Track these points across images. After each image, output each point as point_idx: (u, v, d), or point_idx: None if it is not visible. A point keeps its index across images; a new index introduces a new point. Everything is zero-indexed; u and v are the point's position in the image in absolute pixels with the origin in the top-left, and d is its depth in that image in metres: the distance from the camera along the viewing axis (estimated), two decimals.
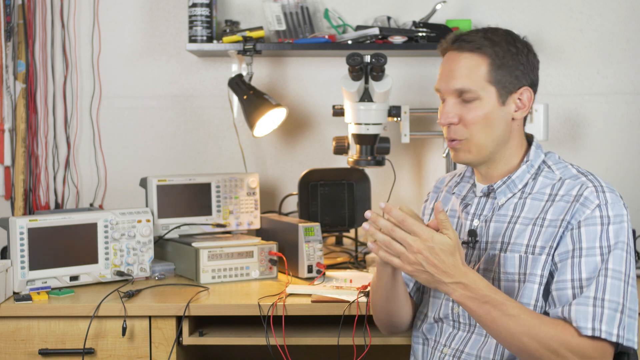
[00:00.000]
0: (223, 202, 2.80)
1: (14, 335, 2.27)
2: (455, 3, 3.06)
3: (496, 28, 1.86)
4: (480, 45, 1.79)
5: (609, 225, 1.72)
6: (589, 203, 1.74)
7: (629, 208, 3.05)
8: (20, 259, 2.37)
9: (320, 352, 2.78)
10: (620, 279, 1.68)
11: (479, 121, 1.80)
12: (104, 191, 3.12)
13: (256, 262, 2.58)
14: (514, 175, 1.84)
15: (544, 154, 1.88)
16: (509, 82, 1.80)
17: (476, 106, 1.80)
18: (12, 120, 3.03)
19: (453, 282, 1.66)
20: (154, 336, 2.28)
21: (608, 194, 1.75)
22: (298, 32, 2.97)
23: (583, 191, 1.76)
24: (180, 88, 3.11)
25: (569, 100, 3.09)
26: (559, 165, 1.86)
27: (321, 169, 2.91)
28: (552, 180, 1.82)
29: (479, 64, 1.79)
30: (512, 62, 1.80)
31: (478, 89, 1.79)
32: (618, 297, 1.67)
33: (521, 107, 1.83)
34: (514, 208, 1.83)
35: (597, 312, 1.65)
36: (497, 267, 1.80)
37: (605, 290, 1.67)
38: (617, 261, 1.69)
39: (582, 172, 1.82)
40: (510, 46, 1.80)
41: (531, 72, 1.84)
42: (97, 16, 3.07)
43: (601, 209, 1.73)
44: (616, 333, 1.65)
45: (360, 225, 2.94)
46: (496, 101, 1.80)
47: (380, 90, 2.56)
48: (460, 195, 1.96)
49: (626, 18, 3.07)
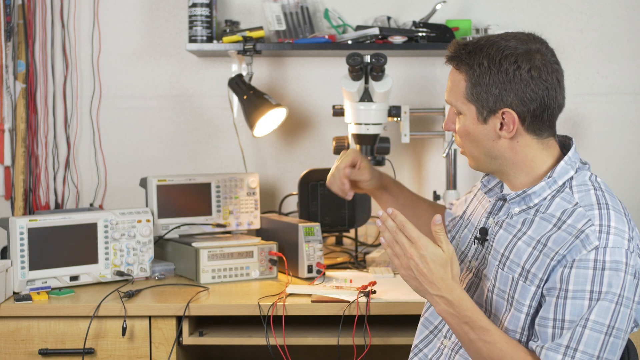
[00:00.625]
0: (223, 202, 2.80)
1: (14, 335, 2.27)
2: (455, 3, 3.06)
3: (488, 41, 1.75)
4: (458, 61, 1.75)
5: (604, 271, 1.62)
6: (587, 243, 1.64)
7: (630, 209, 3.07)
8: (20, 259, 2.37)
9: (320, 352, 2.78)
10: (600, 332, 1.62)
11: (463, 134, 1.78)
12: (104, 191, 3.12)
13: (256, 262, 2.58)
14: (530, 190, 1.75)
15: (574, 171, 1.76)
16: (487, 100, 1.72)
17: (462, 120, 1.78)
18: (12, 120, 3.03)
19: (437, 294, 1.68)
20: (154, 336, 2.28)
21: (612, 236, 1.64)
22: (298, 32, 2.97)
23: (586, 228, 1.65)
24: (180, 88, 3.11)
25: (569, 100, 3.04)
26: (581, 187, 1.74)
27: (321, 169, 2.91)
28: (568, 204, 1.71)
29: (460, 80, 1.76)
30: (489, 82, 1.71)
31: (459, 105, 1.77)
32: (594, 349, 1.62)
33: (506, 128, 1.73)
34: (523, 222, 1.76)
35: None
36: (494, 280, 1.78)
37: (581, 341, 1.62)
38: (602, 313, 1.62)
39: (600, 203, 1.70)
40: (491, 65, 1.71)
41: (521, 90, 1.71)
42: (97, 16, 3.07)
43: (598, 252, 1.63)
44: None
45: (360, 225, 2.94)
46: (475, 119, 1.75)
47: (380, 90, 2.56)
48: (486, 188, 1.91)
49: (626, 18, 3.07)
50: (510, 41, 1.72)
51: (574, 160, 1.77)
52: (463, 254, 1.91)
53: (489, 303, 1.78)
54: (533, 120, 1.73)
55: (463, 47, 1.75)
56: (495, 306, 1.76)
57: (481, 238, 1.85)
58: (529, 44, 1.72)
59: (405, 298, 2.26)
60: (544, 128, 1.75)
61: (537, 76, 1.71)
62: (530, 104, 1.71)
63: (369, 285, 2.30)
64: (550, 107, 1.74)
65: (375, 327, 2.23)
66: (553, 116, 1.76)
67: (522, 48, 1.71)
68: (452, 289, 1.68)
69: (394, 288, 2.39)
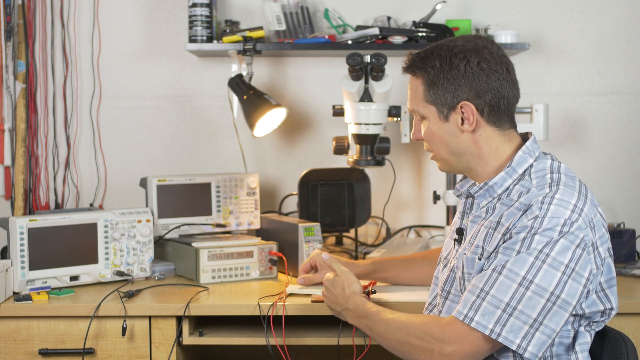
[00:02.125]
0: (223, 202, 2.80)
1: (14, 335, 2.27)
2: (455, 3, 3.06)
3: (437, 45, 1.86)
4: (413, 67, 1.87)
5: (535, 235, 1.69)
6: (530, 214, 1.72)
7: (630, 209, 3.07)
8: (20, 259, 2.37)
9: (320, 352, 2.78)
10: (513, 280, 1.68)
11: (430, 138, 1.89)
12: (104, 191, 3.12)
13: (256, 262, 2.58)
14: (491, 181, 1.84)
15: (532, 159, 1.83)
16: (445, 98, 1.83)
17: (426, 125, 1.88)
18: (12, 120, 3.03)
19: (342, 309, 2.02)
20: (154, 336, 2.28)
21: (554, 206, 1.71)
22: (298, 32, 2.97)
23: (533, 203, 1.73)
24: (180, 88, 3.11)
25: (569, 100, 3.09)
26: (539, 173, 1.81)
27: (321, 169, 2.91)
28: (524, 189, 1.79)
29: (417, 84, 1.87)
30: (443, 80, 1.82)
31: (421, 108, 1.87)
32: (504, 296, 1.68)
33: (467, 120, 1.82)
34: (487, 210, 1.85)
35: (477, 303, 1.70)
36: (462, 267, 1.84)
37: (493, 286, 1.69)
38: (519, 264, 1.68)
39: (552, 182, 1.77)
40: (443, 64, 1.81)
41: (475, 83, 1.80)
42: (97, 16, 3.07)
43: (535, 220, 1.70)
44: (491, 327, 1.68)
45: (360, 225, 2.94)
46: (437, 119, 1.85)
47: (380, 90, 2.56)
48: (459, 192, 1.99)
49: (626, 18, 3.07)
50: (457, 41, 1.84)
51: (532, 150, 1.85)
52: (446, 259, 1.98)
53: (462, 291, 1.85)
54: (491, 111, 1.82)
55: (416, 55, 1.88)
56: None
57: (458, 238, 1.93)
58: (476, 41, 1.83)
59: (405, 298, 2.27)
60: (503, 119, 1.84)
61: (487, 68, 1.81)
62: (485, 95, 1.80)
63: (369, 285, 2.30)
64: (506, 97, 1.82)
65: None
66: (510, 106, 1.84)
67: (470, 45, 1.82)
68: (348, 299, 2.00)
69: (394, 288, 2.39)
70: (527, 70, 3.08)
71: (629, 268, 2.64)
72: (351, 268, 2.37)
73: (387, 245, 2.96)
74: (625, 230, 2.85)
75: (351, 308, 1.98)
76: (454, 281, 1.88)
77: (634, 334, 2.24)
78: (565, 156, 3.06)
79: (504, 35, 2.90)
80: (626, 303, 2.23)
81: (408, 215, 3.13)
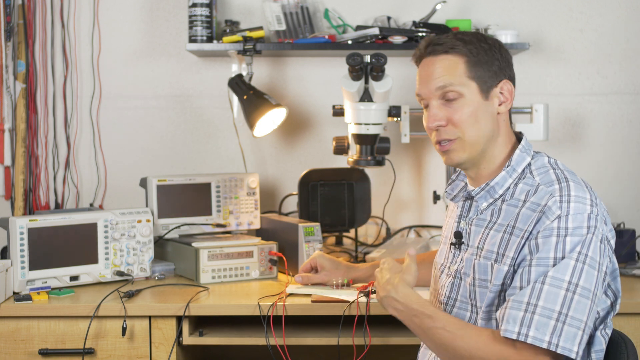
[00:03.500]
0: (223, 202, 2.80)
1: (14, 335, 2.27)
2: (455, 3, 3.06)
3: (463, 31, 1.89)
4: (452, 45, 1.82)
5: (566, 237, 1.67)
6: (550, 214, 1.70)
7: (630, 209, 3.08)
8: (20, 259, 2.37)
9: (320, 352, 2.78)
10: (560, 287, 1.64)
11: (467, 119, 1.80)
12: (104, 191, 3.12)
13: (256, 262, 2.58)
14: (493, 181, 1.82)
15: (530, 157, 1.83)
16: (488, 76, 1.81)
17: (461, 105, 1.80)
18: (12, 120, 3.03)
19: (385, 295, 1.82)
20: (154, 336, 2.28)
21: (573, 204, 1.70)
22: (298, 32, 2.97)
23: (548, 201, 1.71)
24: (180, 88, 3.11)
25: (569, 100, 3.09)
26: (540, 170, 1.80)
27: (321, 169, 2.91)
28: (530, 187, 1.78)
29: (456, 62, 1.81)
30: (487, 58, 1.81)
31: (459, 85, 1.80)
32: (554, 305, 1.64)
33: (504, 101, 1.83)
34: (492, 213, 1.82)
35: (527, 318, 1.64)
36: (473, 273, 1.81)
37: (540, 297, 1.64)
38: (562, 270, 1.65)
39: (559, 178, 1.76)
40: (482, 43, 1.82)
41: (507, 67, 1.84)
42: (97, 16, 3.07)
43: (560, 220, 1.68)
44: (548, 340, 1.63)
45: (360, 225, 2.94)
46: (479, 96, 1.81)
47: (380, 90, 2.56)
48: (451, 195, 1.97)
49: (626, 18, 3.07)
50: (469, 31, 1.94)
51: (527, 148, 1.85)
52: (443, 266, 1.96)
53: (473, 297, 1.82)
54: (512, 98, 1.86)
55: (438, 38, 1.85)
56: (479, 297, 1.80)
57: (457, 242, 1.90)
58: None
59: None
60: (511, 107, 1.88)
61: (506, 53, 1.86)
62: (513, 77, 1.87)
63: (369, 285, 2.30)
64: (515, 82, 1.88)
65: (375, 327, 2.23)
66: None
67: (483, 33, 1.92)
68: (397, 287, 1.80)
69: None
70: (527, 70, 3.08)
71: (629, 268, 2.64)
72: (352, 272, 2.38)
73: (387, 245, 2.96)
74: (625, 230, 2.85)
75: (398, 298, 1.79)
76: (460, 288, 1.86)
77: (634, 334, 2.24)
78: (565, 156, 3.06)
79: (504, 35, 2.90)
80: (626, 303, 2.23)
81: (408, 215, 3.13)
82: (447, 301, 1.89)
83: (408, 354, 2.27)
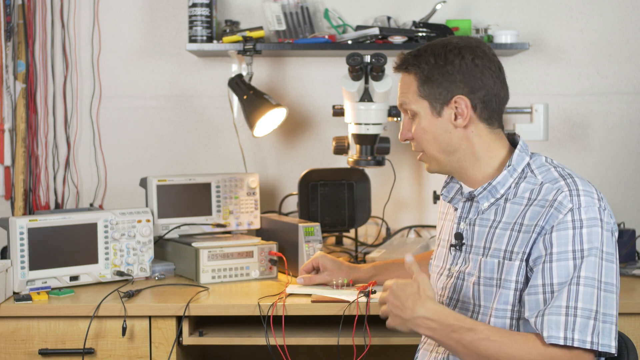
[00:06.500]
0: (223, 202, 2.80)
1: (14, 335, 2.27)
2: (455, 3, 3.06)
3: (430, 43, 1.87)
4: (407, 64, 1.87)
5: (582, 229, 1.70)
6: (562, 208, 1.72)
7: (630, 209, 3.08)
8: (20, 259, 2.37)
9: (320, 352, 2.78)
10: (593, 286, 1.67)
11: (421, 135, 1.87)
12: (104, 191, 3.12)
13: (256, 262, 2.58)
14: (495, 181, 1.83)
15: (528, 157, 1.85)
16: (439, 94, 1.82)
17: (417, 122, 1.87)
18: (12, 120, 3.03)
19: (413, 317, 1.72)
20: (154, 336, 2.28)
21: (583, 197, 1.72)
22: (298, 32, 2.97)
23: (558, 196, 1.73)
24: (180, 88, 3.11)
25: (569, 100, 3.09)
26: (541, 169, 1.82)
27: (321, 169, 2.91)
28: (533, 185, 1.80)
29: (411, 81, 1.86)
30: (438, 76, 1.82)
31: (413, 104, 1.86)
32: (591, 304, 1.66)
33: (460, 115, 1.82)
34: (496, 213, 1.84)
35: (570, 321, 1.66)
36: (478, 272, 1.82)
37: (578, 298, 1.67)
38: (590, 268, 1.68)
39: (563, 175, 1.79)
40: (438, 59, 1.82)
41: (469, 78, 1.81)
42: (97, 16, 3.07)
43: (574, 213, 1.71)
44: (590, 340, 1.65)
45: (360, 225, 2.94)
46: (430, 114, 1.84)
47: (380, 90, 2.56)
48: (448, 197, 1.98)
49: (626, 18, 3.07)
50: (451, 39, 1.85)
51: (525, 148, 1.87)
52: (442, 268, 1.96)
53: (476, 297, 1.82)
54: (483, 107, 1.82)
55: (408, 54, 1.88)
56: (484, 296, 1.81)
57: (457, 243, 1.90)
58: (469, 40, 1.85)
59: None
60: (494, 117, 1.85)
61: (481, 65, 1.82)
62: (479, 92, 1.81)
63: (369, 285, 2.30)
64: (497, 96, 1.84)
65: (375, 327, 2.23)
66: (500, 105, 1.86)
67: (463, 42, 1.84)
68: (424, 304, 1.72)
69: None
70: (527, 70, 3.08)
71: (629, 268, 2.64)
72: (352, 273, 2.37)
73: (387, 245, 2.96)
74: (625, 230, 2.85)
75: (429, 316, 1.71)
76: (462, 289, 1.86)
77: (634, 334, 2.24)
78: (565, 156, 3.06)
79: (504, 35, 2.90)
80: (626, 303, 2.24)
81: (408, 215, 3.13)
82: (448, 302, 1.89)
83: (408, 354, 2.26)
